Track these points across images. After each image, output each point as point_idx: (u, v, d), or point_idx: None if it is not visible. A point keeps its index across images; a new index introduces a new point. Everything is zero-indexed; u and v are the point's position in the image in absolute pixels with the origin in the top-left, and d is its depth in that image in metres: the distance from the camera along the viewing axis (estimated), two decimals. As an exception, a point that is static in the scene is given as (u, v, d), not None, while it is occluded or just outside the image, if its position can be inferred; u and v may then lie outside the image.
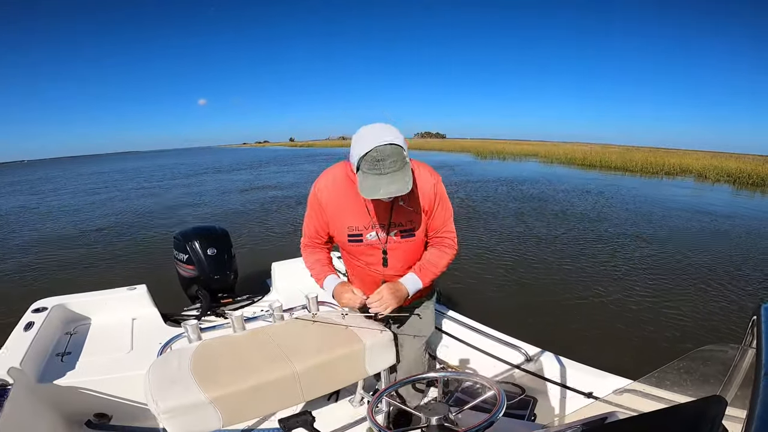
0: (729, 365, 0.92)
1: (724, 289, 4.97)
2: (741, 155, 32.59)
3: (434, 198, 1.46)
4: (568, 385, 1.78)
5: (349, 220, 1.47)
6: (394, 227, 1.47)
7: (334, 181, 1.47)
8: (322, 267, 1.60)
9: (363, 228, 1.47)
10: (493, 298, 4.60)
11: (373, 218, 1.46)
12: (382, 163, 1.20)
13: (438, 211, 1.48)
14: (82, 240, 7.80)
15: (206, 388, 1.24)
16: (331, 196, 1.47)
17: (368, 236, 1.48)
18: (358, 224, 1.47)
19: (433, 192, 1.45)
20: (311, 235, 1.58)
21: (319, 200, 1.48)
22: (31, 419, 1.66)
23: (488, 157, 30.09)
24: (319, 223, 1.53)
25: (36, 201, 14.73)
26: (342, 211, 1.47)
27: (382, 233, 1.47)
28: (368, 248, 1.51)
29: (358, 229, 1.48)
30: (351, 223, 1.47)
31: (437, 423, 0.99)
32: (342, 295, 1.50)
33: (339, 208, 1.47)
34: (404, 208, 1.45)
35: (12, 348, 1.87)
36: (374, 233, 1.48)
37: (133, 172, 27.92)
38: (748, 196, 14.24)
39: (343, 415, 1.87)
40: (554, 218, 8.88)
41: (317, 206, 1.50)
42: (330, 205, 1.47)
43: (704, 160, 22.27)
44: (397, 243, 1.49)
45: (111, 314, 2.48)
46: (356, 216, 1.46)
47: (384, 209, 1.44)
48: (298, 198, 12.00)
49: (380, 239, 1.49)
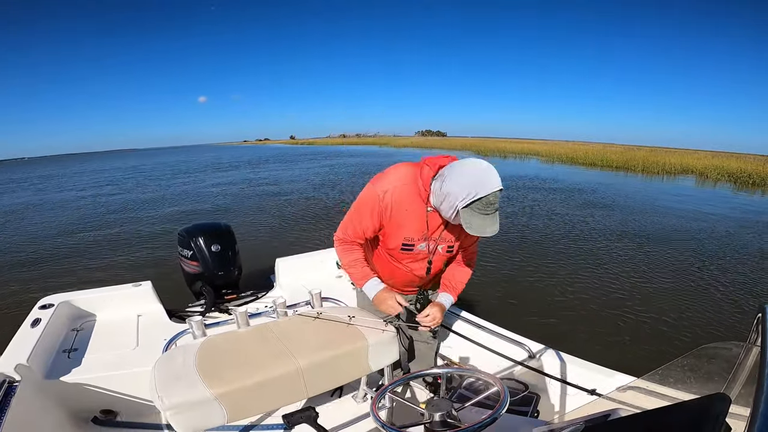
0: (733, 363, 0.92)
1: (729, 287, 4.95)
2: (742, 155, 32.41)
3: None
4: (571, 382, 1.77)
5: (408, 231, 1.53)
6: (443, 242, 1.58)
7: (401, 190, 1.47)
8: (363, 267, 1.61)
9: (417, 239, 1.55)
10: (495, 295, 4.60)
11: (428, 231, 1.53)
12: (490, 206, 1.30)
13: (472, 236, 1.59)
14: (88, 237, 7.85)
15: (211, 384, 1.25)
16: (396, 205, 1.48)
17: (419, 246, 1.57)
18: (414, 235, 1.54)
19: None
20: (355, 233, 1.58)
21: (383, 205, 1.48)
22: (39, 416, 1.68)
23: (489, 155, 30.00)
24: (371, 224, 1.53)
25: (40, 198, 14.81)
26: (405, 221, 1.51)
27: (431, 244, 1.57)
28: (415, 256, 1.60)
29: (413, 240, 1.55)
30: (409, 234, 1.53)
31: (440, 419, 0.99)
32: (385, 302, 1.55)
33: (403, 218, 1.50)
34: (454, 226, 1.50)
35: (19, 344, 1.89)
36: (424, 244, 1.57)
37: (134, 170, 28.00)
38: (750, 195, 14.14)
39: (347, 411, 1.87)
40: (556, 216, 8.86)
41: (377, 209, 1.49)
42: (395, 214, 1.49)
43: (705, 160, 22.13)
44: (441, 255, 1.62)
45: (116, 310, 2.50)
46: (416, 228, 1.53)
47: (439, 226, 1.53)
48: (301, 195, 12.02)
49: (429, 250, 1.59)
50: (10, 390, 1.58)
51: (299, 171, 20.47)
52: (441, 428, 0.99)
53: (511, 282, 5.00)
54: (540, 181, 15.12)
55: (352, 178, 16.38)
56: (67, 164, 49.04)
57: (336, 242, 1.66)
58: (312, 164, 24.93)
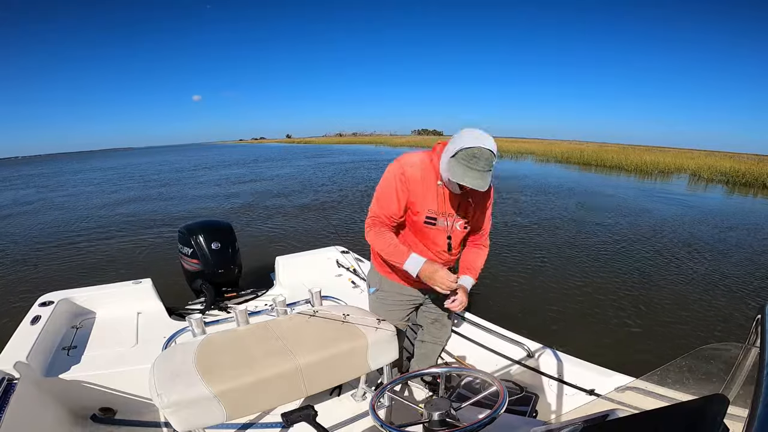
0: (732, 364, 0.92)
1: (728, 288, 4.95)
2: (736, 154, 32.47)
3: (490, 202, 1.76)
4: (569, 382, 1.78)
5: (431, 204, 1.61)
6: (459, 218, 1.66)
7: (418, 166, 1.60)
8: (399, 246, 1.63)
9: (438, 213, 1.62)
10: (495, 295, 4.60)
11: (445, 206, 1.62)
12: (477, 161, 1.40)
13: (487, 214, 1.76)
14: (88, 234, 7.85)
15: (210, 382, 1.25)
16: (417, 178, 1.59)
17: (440, 222, 1.64)
18: (438, 209, 1.62)
19: (490, 196, 1.74)
20: (385, 214, 1.63)
21: (407, 179, 1.58)
22: (38, 413, 1.68)
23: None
24: (398, 201, 1.60)
25: (38, 196, 14.80)
26: (426, 193, 1.60)
27: (449, 221, 1.65)
28: (437, 232, 1.66)
29: (435, 213, 1.62)
30: (432, 207, 1.61)
31: (439, 418, 0.99)
32: (437, 273, 1.55)
33: (424, 190, 1.60)
34: (470, 204, 1.66)
35: (19, 342, 1.89)
36: (444, 220, 1.64)
37: (131, 169, 27.96)
38: (745, 195, 14.15)
39: (346, 409, 1.87)
40: (555, 216, 8.86)
41: (404, 186, 1.58)
42: (416, 187, 1.59)
43: (699, 159, 22.24)
44: (459, 232, 1.69)
45: (116, 308, 2.50)
46: (435, 201, 1.61)
47: (454, 201, 1.62)
48: (301, 193, 12.03)
49: (447, 226, 1.65)
50: (9, 387, 1.58)
51: (298, 170, 20.49)
52: (440, 427, 0.99)
53: (510, 282, 5.00)
54: (536, 181, 15.12)
55: (351, 176, 16.39)
56: (63, 163, 48.98)
57: (367, 229, 1.68)
58: (310, 163, 24.97)
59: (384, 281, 1.88)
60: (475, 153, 1.40)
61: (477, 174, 1.41)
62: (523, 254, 6.07)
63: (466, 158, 1.41)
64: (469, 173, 1.41)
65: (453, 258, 1.78)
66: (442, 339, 2.06)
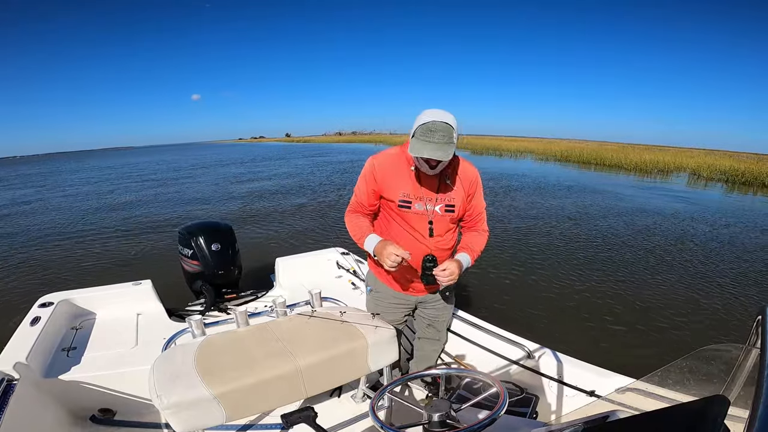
0: (732, 365, 0.92)
1: (728, 289, 4.95)
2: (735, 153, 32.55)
3: (476, 185, 1.73)
4: (570, 383, 1.77)
5: (404, 188, 1.65)
6: (439, 201, 1.66)
7: (390, 155, 1.71)
8: (362, 228, 1.72)
9: (413, 197, 1.65)
10: (495, 296, 4.59)
11: (422, 191, 1.65)
12: (433, 134, 1.46)
13: (476, 198, 1.74)
14: (88, 235, 7.85)
15: (210, 384, 1.25)
16: (386, 166, 1.68)
17: (416, 206, 1.65)
18: (412, 193, 1.65)
19: (477, 182, 1.74)
20: (359, 201, 1.75)
21: (375, 169, 1.68)
22: (37, 414, 1.68)
23: (484, 153, 30.11)
24: (369, 190, 1.71)
25: (38, 196, 14.79)
26: (397, 179, 1.66)
27: (429, 205, 1.66)
28: (416, 216, 1.67)
29: (409, 196, 1.65)
30: (405, 190, 1.65)
31: (439, 419, 0.99)
32: (385, 248, 1.55)
33: (394, 176, 1.67)
34: (449, 186, 1.67)
35: (18, 343, 1.89)
36: (421, 204, 1.65)
37: (130, 168, 27.91)
38: (744, 195, 14.16)
39: (346, 410, 1.87)
40: (553, 217, 8.85)
41: (371, 175, 1.69)
42: (386, 174, 1.67)
43: (698, 158, 22.28)
44: (440, 216, 1.67)
45: (116, 309, 2.50)
46: (408, 185, 1.65)
47: (431, 185, 1.65)
48: (301, 194, 12.02)
49: (427, 210, 1.66)
50: (8, 388, 1.58)
51: (298, 169, 20.48)
52: (440, 429, 0.99)
53: (510, 282, 4.99)
54: (535, 180, 15.11)
55: (351, 175, 16.37)
56: (62, 162, 48.95)
57: (345, 216, 1.80)
58: (309, 162, 24.99)
59: (378, 283, 1.89)
60: (430, 127, 1.47)
61: (435, 146, 1.46)
62: (524, 254, 6.06)
63: (424, 133, 1.48)
64: (428, 146, 1.46)
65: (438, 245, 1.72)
66: (441, 340, 2.05)
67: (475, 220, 1.78)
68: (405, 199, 1.65)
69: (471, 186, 1.71)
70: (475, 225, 1.80)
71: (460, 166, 1.71)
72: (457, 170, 1.69)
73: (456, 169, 1.69)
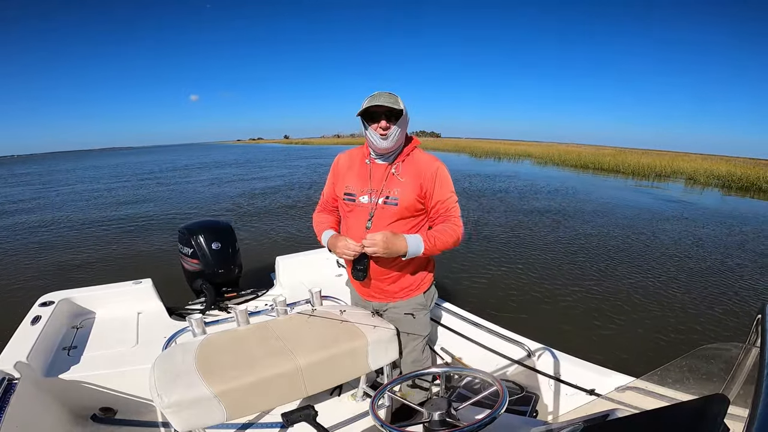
0: (732, 364, 0.92)
1: (729, 288, 4.95)
2: (732, 158, 32.75)
3: (433, 179, 1.58)
4: (570, 382, 1.78)
5: (350, 181, 1.66)
6: (382, 194, 1.60)
7: (351, 152, 1.75)
8: (323, 224, 1.76)
9: (359, 191, 1.63)
10: (495, 294, 4.60)
11: (371, 184, 1.62)
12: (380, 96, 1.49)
13: (438, 192, 1.59)
14: (88, 234, 7.85)
15: (210, 383, 1.25)
16: (344, 161, 1.73)
17: (361, 198, 1.62)
18: (355, 186, 1.64)
19: (433, 174, 1.58)
20: (324, 199, 1.81)
21: (336, 164, 1.74)
22: (38, 413, 1.68)
23: (483, 157, 30.20)
24: (329, 184, 1.77)
25: (38, 195, 14.79)
26: (347, 173, 1.69)
27: (373, 198, 1.61)
28: (359, 209, 1.64)
29: (353, 189, 1.64)
30: (350, 183, 1.66)
31: (439, 418, 0.99)
32: (336, 244, 1.59)
33: (347, 170, 1.69)
34: (396, 178, 1.60)
35: (19, 342, 1.89)
36: (367, 197, 1.62)
37: (129, 168, 27.87)
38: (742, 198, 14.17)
39: (346, 409, 1.88)
40: (555, 216, 8.86)
41: (332, 170, 1.75)
42: (341, 168, 1.72)
43: (695, 163, 22.37)
44: (381, 208, 1.59)
45: (117, 308, 2.50)
46: (357, 179, 1.65)
47: (380, 178, 1.61)
48: (301, 193, 12.03)
49: (371, 204, 1.61)
50: (9, 387, 1.58)
51: (297, 170, 20.49)
52: (440, 427, 0.99)
53: (511, 282, 5.00)
54: (534, 183, 15.14)
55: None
56: (61, 162, 48.87)
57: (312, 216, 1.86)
58: (308, 163, 24.97)
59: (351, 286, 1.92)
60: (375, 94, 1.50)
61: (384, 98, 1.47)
62: (524, 254, 6.07)
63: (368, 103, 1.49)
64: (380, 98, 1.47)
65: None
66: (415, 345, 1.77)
67: (443, 216, 1.62)
68: (349, 192, 1.65)
69: (427, 180, 1.57)
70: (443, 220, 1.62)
71: (414, 160, 1.61)
72: (412, 164, 1.60)
73: (411, 162, 1.61)
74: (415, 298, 1.72)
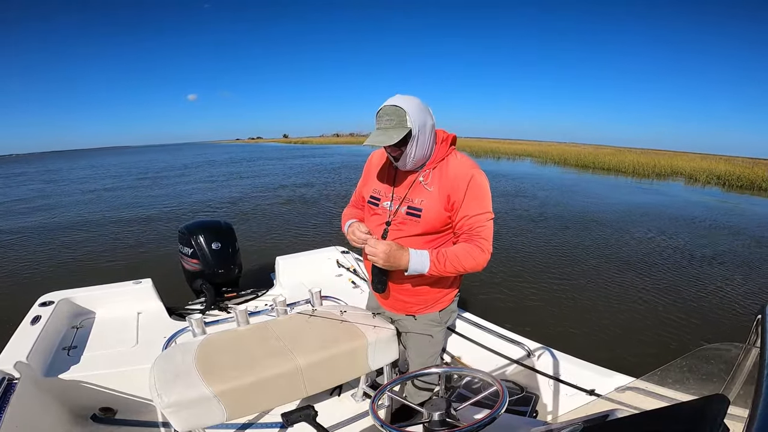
0: (732, 364, 0.92)
1: (728, 289, 4.95)
2: (731, 158, 32.86)
3: (464, 189, 1.37)
4: (570, 382, 1.78)
5: (376, 184, 1.57)
6: (405, 202, 1.44)
7: (382, 152, 1.57)
8: (348, 215, 1.68)
9: (384, 195, 1.52)
10: (495, 295, 4.60)
11: (394, 189, 1.50)
12: (380, 120, 1.35)
13: (467, 205, 1.37)
14: (88, 234, 7.84)
15: (210, 383, 1.25)
16: (375, 160, 1.63)
17: (384, 203, 1.50)
18: (381, 189, 1.55)
19: (466, 183, 1.37)
20: (354, 197, 1.75)
21: (369, 162, 1.66)
22: (38, 413, 1.68)
23: (483, 156, 30.22)
24: (360, 182, 1.69)
25: (38, 195, 14.78)
26: (375, 175, 1.60)
27: (395, 204, 1.47)
28: (379, 213, 1.52)
29: (380, 193, 1.54)
30: (377, 186, 1.56)
31: (439, 418, 0.99)
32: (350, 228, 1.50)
33: (375, 172, 1.60)
34: (423, 187, 1.42)
35: (19, 342, 1.89)
36: (389, 203, 1.49)
37: (128, 167, 27.72)
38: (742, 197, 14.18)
39: (346, 409, 1.88)
40: (555, 216, 8.86)
41: (365, 168, 1.67)
42: (372, 168, 1.63)
43: (694, 162, 22.43)
44: (401, 218, 1.44)
45: (116, 308, 2.51)
46: (383, 182, 1.56)
47: (405, 184, 1.46)
48: (301, 193, 12.02)
49: (390, 210, 1.47)
50: (9, 387, 1.58)
51: (296, 169, 20.47)
52: (440, 427, 0.99)
53: (511, 282, 4.99)
54: (534, 182, 15.14)
55: (350, 175, 16.37)
56: (60, 161, 48.77)
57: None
58: (308, 162, 24.98)
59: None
60: (379, 113, 1.35)
61: (377, 132, 1.34)
62: (524, 254, 6.07)
63: (376, 121, 1.36)
64: (373, 134, 1.34)
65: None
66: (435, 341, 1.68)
67: (468, 234, 1.39)
68: (374, 195, 1.54)
69: (456, 190, 1.37)
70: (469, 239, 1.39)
71: (447, 165, 1.41)
72: (445, 170, 1.40)
73: (443, 168, 1.41)
74: (430, 314, 1.58)
